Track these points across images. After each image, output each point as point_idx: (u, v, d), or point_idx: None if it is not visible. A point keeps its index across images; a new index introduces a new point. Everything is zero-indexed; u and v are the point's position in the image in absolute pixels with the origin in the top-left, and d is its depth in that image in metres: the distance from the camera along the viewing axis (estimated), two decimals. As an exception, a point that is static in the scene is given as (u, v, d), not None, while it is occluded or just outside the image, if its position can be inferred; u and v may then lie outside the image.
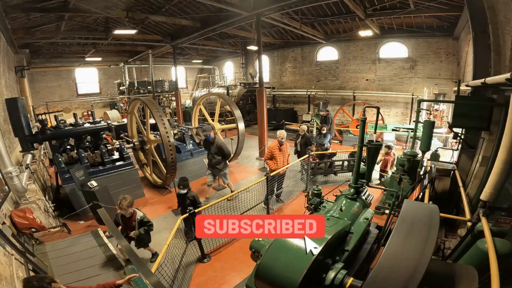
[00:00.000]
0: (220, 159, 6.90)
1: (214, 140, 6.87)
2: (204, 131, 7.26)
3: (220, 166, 6.97)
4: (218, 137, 7.17)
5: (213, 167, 6.98)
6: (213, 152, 6.88)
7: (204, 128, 7.63)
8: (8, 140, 6.74)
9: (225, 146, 6.94)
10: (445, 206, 4.64)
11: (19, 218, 4.35)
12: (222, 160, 6.95)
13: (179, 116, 16.72)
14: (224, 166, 7.09)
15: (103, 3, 10.54)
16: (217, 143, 6.82)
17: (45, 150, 10.30)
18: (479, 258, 2.34)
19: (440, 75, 12.31)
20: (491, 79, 3.47)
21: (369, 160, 4.03)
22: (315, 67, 17.11)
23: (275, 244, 2.30)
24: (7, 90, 9.29)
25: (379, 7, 10.68)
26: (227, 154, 6.96)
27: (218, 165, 6.94)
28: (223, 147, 6.84)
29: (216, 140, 6.90)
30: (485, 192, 2.72)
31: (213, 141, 6.87)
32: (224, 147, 6.88)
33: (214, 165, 6.94)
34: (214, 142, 6.84)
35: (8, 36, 9.40)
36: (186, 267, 4.65)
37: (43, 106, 18.12)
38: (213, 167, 6.99)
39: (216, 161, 6.90)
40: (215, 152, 6.85)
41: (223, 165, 7.02)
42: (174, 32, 15.42)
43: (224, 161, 7.03)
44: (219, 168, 6.97)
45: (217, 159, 6.88)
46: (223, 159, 6.98)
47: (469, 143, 5.28)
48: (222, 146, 6.83)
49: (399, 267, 1.70)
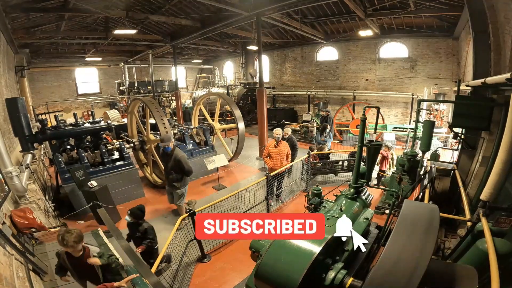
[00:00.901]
0: (179, 176, 5.79)
1: (173, 152, 5.74)
2: (162, 140, 5.76)
3: (178, 184, 5.82)
4: (178, 149, 5.95)
5: (170, 184, 5.89)
6: (170, 167, 5.73)
7: (162, 138, 6.00)
8: (8, 140, 6.74)
9: (185, 160, 5.75)
10: (445, 206, 4.64)
11: (19, 218, 4.35)
12: (182, 177, 5.83)
13: (179, 116, 16.72)
14: (183, 184, 5.94)
15: (103, 3, 10.54)
16: (176, 156, 5.68)
17: (45, 150, 10.30)
18: (479, 258, 2.34)
19: (440, 75, 12.30)
20: (491, 79, 3.46)
21: (369, 160, 4.02)
22: (315, 67, 17.11)
23: (275, 244, 2.30)
24: (7, 90, 9.29)
25: (379, 7, 10.68)
26: (188, 171, 5.72)
27: (176, 183, 5.81)
28: (183, 161, 5.65)
29: (176, 152, 5.75)
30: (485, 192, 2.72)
31: (171, 153, 5.74)
32: (184, 161, 5.68)
33: (170, 182, 5.84)
34: (172, 155, 5.72)
35: (8, 36, 9.40)
36: (186, 267, 4.65)
37: (43, 106, 18.14)
38: (170, 184, 5.90)
39: (174, 177, 5.75)
40: (172, 166, 5.69)
41: (181, 183, 5.88)
42: (174, 32, 15.42)
43: (184, 179, 5.90)
44: (176, 186, 5.84)
45: (175, 176, 5.75)
46: (183, 176, 5.86)
47: (469, 143, 5.28)
48: (182, 160, 5.65)
49: (399, 267, 1.70)
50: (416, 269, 1.63)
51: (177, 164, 5.64)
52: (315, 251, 2.10)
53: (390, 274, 1.68)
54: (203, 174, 9.11)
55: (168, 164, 5.74)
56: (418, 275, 1.60)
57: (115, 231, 3.44)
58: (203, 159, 8.07)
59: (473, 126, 4.80)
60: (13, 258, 3.54)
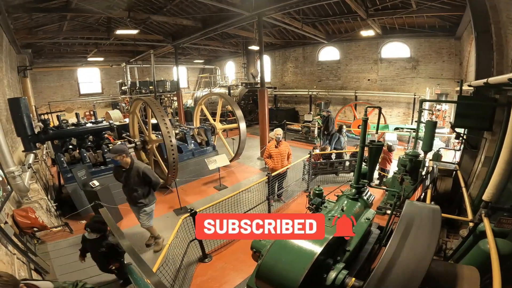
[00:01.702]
0: (146, 191, 4.77)
1: (133, 166, 4.62)
2: (117, 152, 4.49)
3: (146, 200, 4.79)
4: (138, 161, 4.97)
5: (135, 203, 4.78)
6: (133, 183, 4.63)
7: (113, 148, 4.69)
8: (10, 140, 6.78)
9: (151, 171, 4.79)
10: (447, 206, 4.63)
11: (21, 218, 4.38)
12: (149, 191, 4.83)
13: (181, 116, 16.76)
14: (151, 200, 4.90)
15: (105, 3, 10.58)
16: (138, 169, 4.61)
17: (48, 150, 10.36)
18: (481, 259, 2.34)
19: (442, 75, 12.27)
20: (494, 79, 3.45)
21: (370, 160, 4.01)
22: (317, 67, 17.10)
23: (276, 244, 2.30)
24: (9, 90, 9.34)
25: (380, 7, 10.66)
26: (156, 183, 4.76)
27: (143, 199, 4.75)
28: (149, 173, 4.67)
29: (137, 165, 4.66)
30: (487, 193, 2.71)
31: (130, 167, 4.61)
32: (150, 172, 4.72)
33: (135, 200, 4.74)
34: (132, 169, 4.61)
35: (11, 36, 9.45)
36: (187, 266, 4.66)
37: (45, 106, 18.23)
38: (135, 203, 4.79)
39: (140, 193, 4.70)
40: (136, 182, 4.63)
41: (149, 199, 4.85)
42: (176, 32, 15.45)
43: (151, 193, 4.89)
44: (143, 204, 4.78)
45: (141, 192, 4.71)
46: (150, 190, 4.86)
47: (471, 143, 5.26)
48: (147, 172, 4.65)
49: (400, 267, 1.69)
50: (417, 270, 1.63)
51: (142, 179, 4.63)
52: (316, 252, 2.10)
53: (391, 274, 1.68)
54: (204, 174, 9.12)
55: (129, 181, 4.61)
56: (419, 276, 1.59)
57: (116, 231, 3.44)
58: (205, 159, 8.07)
59: (475, 126, 4.78)
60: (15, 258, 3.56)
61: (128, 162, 4.57)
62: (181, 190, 7.62)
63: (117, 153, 4.47)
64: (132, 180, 4.60)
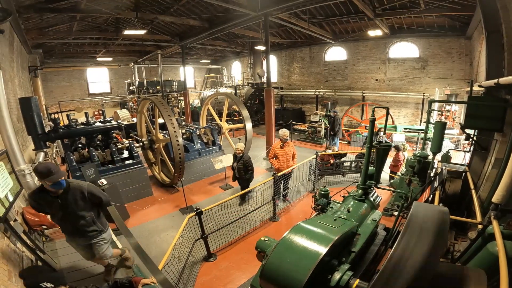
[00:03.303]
0: (95, 214, 3.65)
1: (69, 188, 3.32)
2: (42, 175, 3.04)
3: (99, 225, 3.69)
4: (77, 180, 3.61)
5: (85, 234, 3.57)
6: (76, 209, 3.38)
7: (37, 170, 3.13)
8: (21, 138, 6.92)
9: (98, 189, 3.65)
10: (456, 208, 4.56)
11: (30, 215, 4.46)
12: (99, 214, 3.75)
13: (187, 115, 16.85)
14: (104, 223, 3.83)
15: (113, 3, 10.73)
16: (80, 189, 3.39)
17: (57, 148, 10.53)
18: (489, 261, 2.30)
19: (452, 76, 12.07)
20: (505, 79, 3.38)
21: (378, 161, 3.98)
22: (323, 67, 17.01)
23: (281, 244, 2.30)
24: (20, 89, 9.53)
25: (388, 6, 10.54)
26: (107, 200, 3.70)
27: (95, 225, 3.63)
28: (96, 191, 3.54)
29: (75, 185, 3.39)
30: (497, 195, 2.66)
31: (66, 190, 3.29)
32: (97, 191, 3.59)
33: (85, 230, 3.54)
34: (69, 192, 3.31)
35: (22, 36, 9.64)
36: (192, 265, 4.68)
37: (55, 105, 18.56)
38: (83, 234, 3.57)
39: (88, 220, 3.52)
40: (82, 207, 3.43)
41: (102, 222, 3.77)
42: (183, 32, 15.56)
43: (101, 215, 3.79)
44: (97, 230, 3.65)
45: (91, 217, 3.55)
46: (100, 213, 3.77)
47: (481, 144, 5.16)
48: (94, 191, 3.52)
49: (406, 269, 1.68)
50: (424, 272, 1.61)
51: (88, 201, 3.46)
52: (321, 252, 2.09)
53: (397, 276, 1.66)
54: (210, 173, 9.16)
55: (69, 208, 3.32)
56: (426, 278, 1.57)
57: (124, 229, 3.49)
58: (211, 159, 8.11)
59: (485, 127, 4.69)
60: (23, 255, 3.62)
61: (64, 175, 3.21)
62: (187, 190, 7.68)
63: (43, 177, 3.02)
64: (74, 206, 3.34)
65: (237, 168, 6.87)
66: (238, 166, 6.83)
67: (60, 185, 3.16)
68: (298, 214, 6.62)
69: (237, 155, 6.89)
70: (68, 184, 3.31)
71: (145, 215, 6.79)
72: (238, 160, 6.86)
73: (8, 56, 7.70)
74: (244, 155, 6.84)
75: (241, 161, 6.80)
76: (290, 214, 6.77)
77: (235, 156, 7.06)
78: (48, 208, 3.37)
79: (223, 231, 5.39)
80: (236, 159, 6.98)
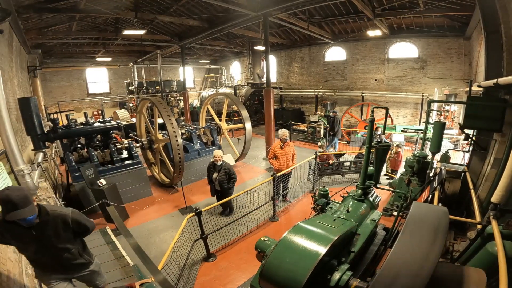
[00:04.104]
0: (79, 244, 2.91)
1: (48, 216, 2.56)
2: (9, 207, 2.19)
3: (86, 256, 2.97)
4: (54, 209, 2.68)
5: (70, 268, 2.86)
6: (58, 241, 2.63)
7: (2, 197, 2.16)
8: (20, 139, 6.89)
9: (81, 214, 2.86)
10: (455, 208, 4.57)
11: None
12: (83, 244, 3.00)
13: (187, 115, 16.85)
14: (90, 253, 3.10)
15: (113, 3, 10.71)
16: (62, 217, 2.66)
17: (57, 149, 10.52)
18: (489, 261, 2.30)
19: (451, 76, 12.09)
20: (504, 79, 3.39)
21: (377, 161, 3.99)
22: (323, 67, 17.02)
23: (280, 245, 2.30)
24: (19, 89, 9.51)
25: (387, 6, 10.56)
26: (92, 227, 2.95)
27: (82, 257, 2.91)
28: (81, 218, 2.80)
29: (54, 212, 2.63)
30: (496, 195, 2.66)
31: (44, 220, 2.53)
32: (82, 217, 2.84)
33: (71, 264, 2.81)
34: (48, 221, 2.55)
35: (21, 36, 9.62)
36: (191, 265, 4.68)
37: (54, 105, 18.50)
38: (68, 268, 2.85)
39: (74, 253, 2.80)
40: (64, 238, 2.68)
41: (88, 253, 3.06)
42: (182, 32, 15.56)
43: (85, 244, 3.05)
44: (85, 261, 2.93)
45: (75, 250, 2.82)
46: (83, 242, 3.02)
47: (480, 144, 5.17)
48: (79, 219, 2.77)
49: (405, 269, 1.68)
50: (423, 272, 1.61)
51: (72, 230, 2.74)
52: (320, 252, 2.09)
53: (396, 276, 1.67)
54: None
55: (48, 242, 2.57)
56: (425, 278, 1.58)
57: (123, 229, 3.49)
58: (210, 159, 8.10)
59: (485, 127, 4.70)
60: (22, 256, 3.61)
61: (35, 212, 2.38)
62: (187, 190, 7.68)
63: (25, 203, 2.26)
64: (54, 238, 2.60)
65: (218, 180, 5.96)
66: (220, 177, 5.95)
67: (29, 221, 2.35)
68: (298, 214, 6.63)
69: (216, 163, 6.05)
70: (47, 212, 2.54)
71: (145, 215, 6.79)
72: (219, 169, 6.02)
73: (7, 56, 7.68)
74: (223, 163, 6.12)
75: (223, 170, 5.99)
76: (289, 214, 6.77)
77: (213, 166, 6.13)
78: (16, 241, 2.53)
79: (222, 231, 5.39)
80: (215, 169, 6.09)
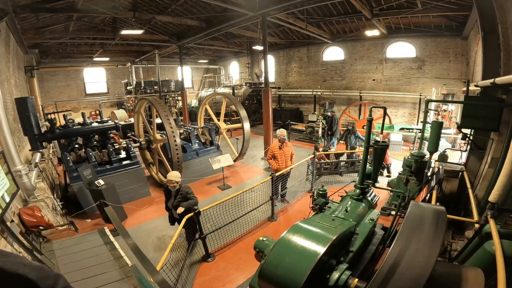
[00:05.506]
0: None
1: None
2: None
3: None
4: None
5: None
6: None
7: None
8: (17, 139, 6.86)
9: None
10: (453, 207, 4.59)
11: (27, 216, 4.43)
12: None
13: (185, 115, 16.82)
14: None
15: (110, 3, 10.67)
16: None
17: (54, 149, 10.48)
18: (487, 260, 2.31)
19: (448, 75, 12.15)
20: (501, 79, 3.41)
21: (375, 160, 3.99)
22: (321, 67, 17.05)
23: (279, 244, 2.30)
24: (17, 89, 9.46)
25: (385, 6, 10.59)
26: None
27: None
28: None
29: None
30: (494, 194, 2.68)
31: None
32: None
33: None
34: None
35: (18, 36, 9.57)
36: (190, 266, 4.68)
37: (52, 105, 18.43)
38: None
39: None
40: None
41: None
42: (180, 32, 15.52)
43: None
44: None
45: None
46: None
47: (478, 144, 5.20)
48: None
49: (404, 268, 1.68)
50: (421, 271, 1.62)
51: None
52: (319, 252, 2.09)
53: (395, 276, 1.67)
54: (208, 173, 9.15)
55: None
56: (423, 277, 1.58)
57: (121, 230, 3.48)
58: (209, 159, 8.11)
59: (482, 127, 4.72)
60: (21, 255, 3.59)
61: None
62: (185, 190, 7.64)
63: None
64: None
65: (173, 207, 4.86)
66: (177, 203, 4.81)
67: None
68: (296, 214, 6.63)
69: (172, 189, 4.92)
70: None
71: (143, 215, 6.77)
72: (175, 195, 4.91)
73: (4, 56, 7.64)
74: (180, 186, 4.96)
75: (179, 195, 4.87)
76: (288, 214, 6.77)
77: (167, 191, 5.02)
78: None
79: (221, 231, 5.39)
80: (170, 195, 5.00)
